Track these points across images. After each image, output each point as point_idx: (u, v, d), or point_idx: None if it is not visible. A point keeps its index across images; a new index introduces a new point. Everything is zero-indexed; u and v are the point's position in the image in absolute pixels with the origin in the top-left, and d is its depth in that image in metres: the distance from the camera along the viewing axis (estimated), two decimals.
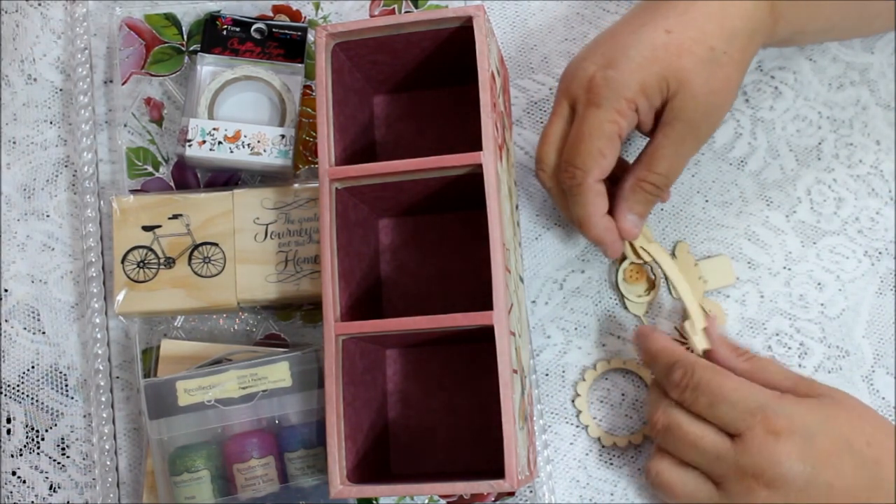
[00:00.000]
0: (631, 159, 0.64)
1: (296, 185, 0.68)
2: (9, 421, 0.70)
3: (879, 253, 0.68)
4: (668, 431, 0.59)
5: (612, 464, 0.67)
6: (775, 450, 0.55)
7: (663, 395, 0.60)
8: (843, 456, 0.56)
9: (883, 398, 0.66)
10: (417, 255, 0.68)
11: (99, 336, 0.69)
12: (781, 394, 0.58)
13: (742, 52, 0.59)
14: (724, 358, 0.61)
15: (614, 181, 0.63)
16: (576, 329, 0.69)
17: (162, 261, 0.67)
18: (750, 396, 0.57)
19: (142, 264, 0.67)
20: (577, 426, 0.68)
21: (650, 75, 0.58)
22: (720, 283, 0.68)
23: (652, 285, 0.68)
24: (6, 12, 0.75)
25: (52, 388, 0.70)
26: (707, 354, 0.62)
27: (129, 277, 0.67)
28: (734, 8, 0.59)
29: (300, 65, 0.70)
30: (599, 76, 0.58)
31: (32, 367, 0.71)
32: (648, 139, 0.62)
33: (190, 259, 0.67)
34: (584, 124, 0.59)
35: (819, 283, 0.68)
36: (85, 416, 0.70)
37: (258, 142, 0.68)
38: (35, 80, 0.74)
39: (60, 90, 0.74)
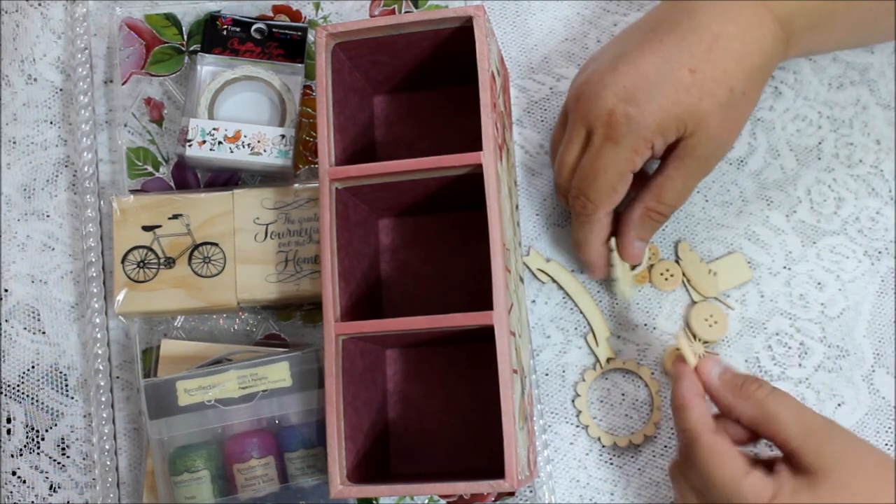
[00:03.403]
0: None
1: (296, 185, 0.68)
2: (9, 421, 0.70)
3: (879, 253, 0.68)
4: None
5: (612, 464, 0.67)
6: None
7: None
8: None
9: (883, 398, 0.66)
10: (417, 255, 0.68)
11: (99, 336, 0.69)
12: (774, 488, 0.54)
13: (757, 90, 0.60)
14: (728, 404, 0.57)
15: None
16: (576, 329, 0.69)
17: (162, 261, 0.67)
18: (738, 493, 0.53)
19: (142, 264, 0.67)
20: (577, 426, 0.68)
21: (670, 117, 0.58)
22: (738, 281, 0.68)
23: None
24: (6, 12, 0.75)
25: (52, 388, 0.70)
26: (712, 397, 0.58)
27: (129, 277, 0.67)
28: (755, 45, 0.59)
29: (300, 65, 0.70)
30: (620, 112, 0.58)
31: (32, 367, 0.71)
32: (657, 166, 0.63)
33: (190, 259, 0.67)
34: (599, 159, 0.60)
35: (819, 283, 0.68)
36: (85, 416, 0.70)
37: (258, 142, 0.68)
38: (35, 80, 0.74)
39: (60, 90, 0.74)
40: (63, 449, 0.70)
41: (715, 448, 0.55)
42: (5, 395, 0.70)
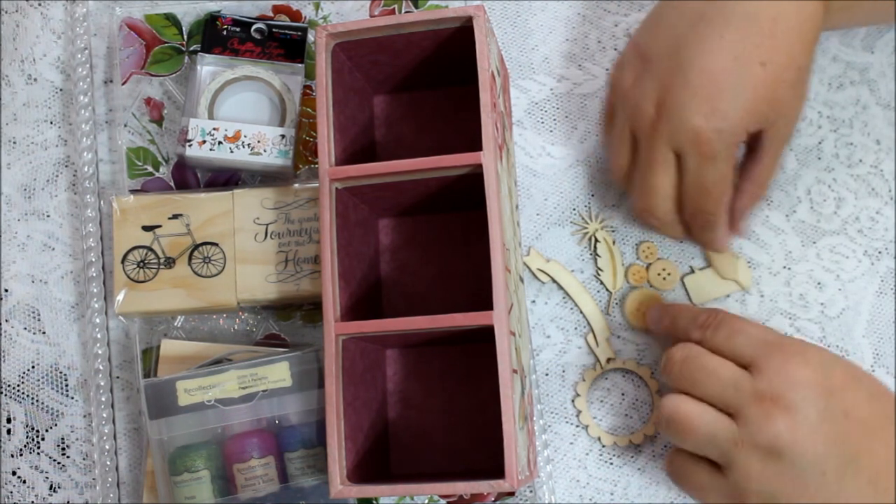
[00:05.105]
0: None
1: (296, 185, 0.68)
2: (9, 421, 0.70)
3: (879, 253, 0.68)
4: (685, 364, 0.59)
5: (612, 463, 0.67)
6: (792, 373, 0.56)
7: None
8: (858, 387, 0.56)
9: None
10: (417, 255, 0.68)
11: (99, 336, 0.69)
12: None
13: (812, 56, 0.60)
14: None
15: None
16: (576, 329, 0.69)
17: (162, 261, 0.67)
18: (767, 331, 0.59)
19: (142, 264, 0.67)
20: (577, 426, 0.68)
21: (753, 116, 0.59)
22: (735, 287, 0.68)
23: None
24: (6, 12, 0.75)
25: (53, 388, 0.70)
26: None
27: (129, 277, 0.67)
28: (807, 15, 0.59)
29: (300, 65, 0.70)
30: (710, 129, 0.58)
31: (33, 367, 0.71)
32: (747, 154, 0.63)
33: (190, 259, 0.67)
34: (705, 178, 0.60)
35: (819, 283, 0.68)
36: (85, 416, 0.70)
37: (258, 142, 0.68)
38: (35, 80, 0.74)
39: (60, 90, 0.74)
40: (63, 449, 0.70)
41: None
42: (5, 395, 0.70)
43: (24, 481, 0.69)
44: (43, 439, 0.70)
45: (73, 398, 0.70)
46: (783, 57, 0.58)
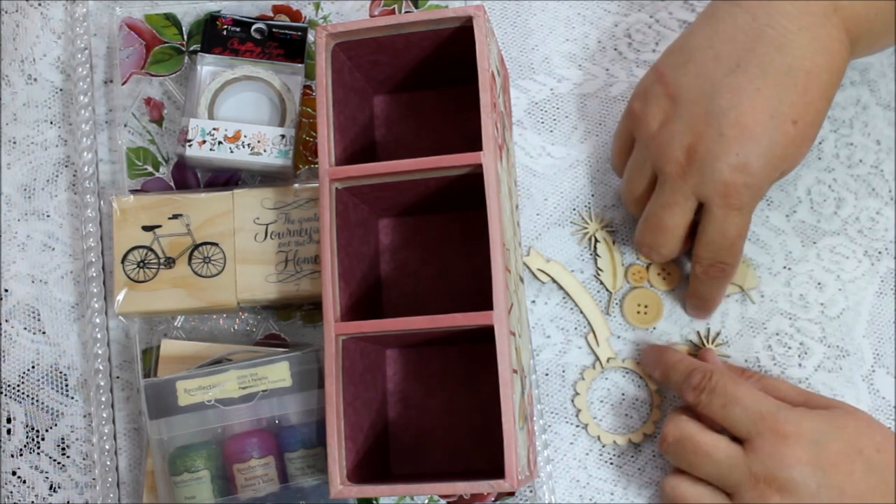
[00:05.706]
0: None
1: (296, 185, 0.68)
2: (9, 421, 0.70)
3: (879, 253, 0.68)
4: (679, 444, 0.60)
5: (612, 463, 0.67)
6: (785, 454, 0.57)
7: (675, 412, 0.62)
8: (853, 461, 0.57)
9: (883, 398, 0.66)
10: (417, 255, 0.68)
11: (99, 336, 0.69)
12: (792, 405, 0.59)
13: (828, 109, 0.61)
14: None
15: None
16: (576, 329, 0.69)
17: (162, 261, 0.67)
18: (762, 402, 0.59)
19: (142, 264, 0.67)
20: (577, 426, 0.68)
21: (779, 169, 0.59)
22: (744, 287, 0.68)
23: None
24: (6, 12, 0.76)
25: (53, 388, 0.70)
26: None
27: (129, 277, 0.67)
28: (837, 71, 0.59)
29: (300, 65, 0.70)
30: (739, 183, 0.58)
31: (33, 367, 0.71)
32: None
33: (190, 259, 0.67)
34: (728, 229, 0.60)
35: (819, 283, 0.68)
36: (85, 416, 0.70)
37: (258, 142, 0.68)
38: (35, 80, 0.74)
39: (60, 90, 0.74)
40: (63, 449, 0.70)
41: (736, 376, 0.62)
42: (5, 395, 0.70)
43: (24, 481, 0.69)
44: (43, 439, 0.70)
45: (73, 398, 0.70)
46: (812, 115, 0.58)
